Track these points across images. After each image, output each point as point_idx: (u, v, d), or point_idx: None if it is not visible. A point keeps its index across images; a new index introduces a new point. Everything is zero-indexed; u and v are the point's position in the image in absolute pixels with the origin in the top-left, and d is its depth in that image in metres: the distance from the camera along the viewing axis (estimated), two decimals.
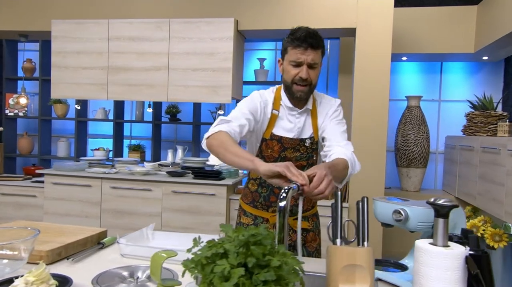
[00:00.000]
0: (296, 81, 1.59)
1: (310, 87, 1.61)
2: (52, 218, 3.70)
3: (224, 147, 1.42)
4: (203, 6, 3.69)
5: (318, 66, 1.60)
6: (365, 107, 3.43)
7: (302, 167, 1.66)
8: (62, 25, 3.80)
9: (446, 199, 0.99)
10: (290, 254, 0.84)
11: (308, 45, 1.53)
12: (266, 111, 1.66)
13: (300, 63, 1.56)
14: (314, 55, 1.55)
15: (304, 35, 1.54)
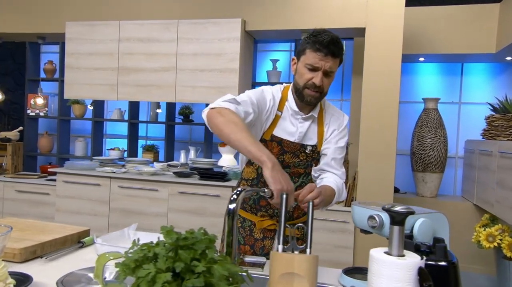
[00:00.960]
0: (308, 86, 1.51)
1: (321, 94, 1.54)
2: (63, 215, 3.78)
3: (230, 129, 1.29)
4: (211, 6, 3.69)
5: (333, 75, 1.53)
6: (374, 109, 3.32)
7: (299, 174, 1.60)
8: (76, 27, 3.90)
9: (404, 206, 0.92)
10: (223, 259, 0.80)
11: (329, 52, 1.45)
12: (273, 111, 1.58)
13: (317, 68, 1.47)
14: (332, 63, 1.48)
15: (328, 40, 1.45)
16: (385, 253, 0.91)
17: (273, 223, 1.62)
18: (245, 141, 1.25)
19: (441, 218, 1.33)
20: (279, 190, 1.14)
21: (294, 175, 1.59)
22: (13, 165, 4.40)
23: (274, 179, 1.15)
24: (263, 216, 1.64)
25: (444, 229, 1.34)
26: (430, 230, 1.26)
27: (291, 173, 1.58)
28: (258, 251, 1.63)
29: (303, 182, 1.61)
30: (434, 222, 1.30)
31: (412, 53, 4.09)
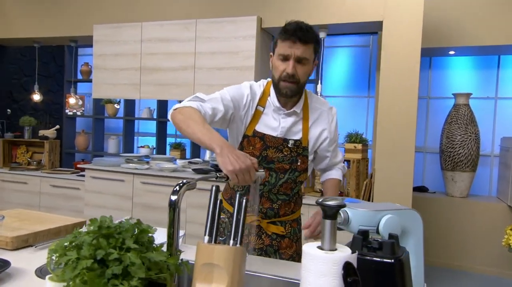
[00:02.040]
0: (283, 78, 1.49)
1: (297, 85, 1.50)
2: (91, 209, 3.99)
3: (187, 124, 1.34)
4: (228, 5, 3.73)
5: (308, 63, 1.49)
6: (391, 105, 3.22)
7: (284, 170, 1.58)
8: (103, 30, 4.08)
9: (336, 199, 0.91)
10: (139, 248, 0.83)
11: (297, 38, 1.44)
12: (252, 106, 1.57)
13: (288, 56, 1.46)
14: (303, 50, 1.45)
15: (293, 28, 1.46)
16: (318, 248, 0.89)
17: (258, 219, 1.61)
18: (199, 132, 1.29)
19: (413, 215, 1.28)
20: (231, 171, 1.15)
21: (280, 171, 1.58)
22: (50, 161, 4.69)
23: (224, 162, 1.17)
24: (249, 212, 1.64)
25: (417, 227, 1.29)
26: (397, 227, 1.22)
27: (276, 169, 1.57)
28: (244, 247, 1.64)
29: (289, 178, 1.59)
30: (404, 219, 1.26)
31: (442, 46, 3.91)
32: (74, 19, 4.35)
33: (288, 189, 1.61)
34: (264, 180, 1.57)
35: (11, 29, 4.67)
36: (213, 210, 0.89)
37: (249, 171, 1.18)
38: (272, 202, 1.60)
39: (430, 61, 4.57)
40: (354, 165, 3.37)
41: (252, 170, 1.18)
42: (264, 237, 1.63)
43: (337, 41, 4.68)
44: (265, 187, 1.58)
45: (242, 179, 1.17)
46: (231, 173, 1.15)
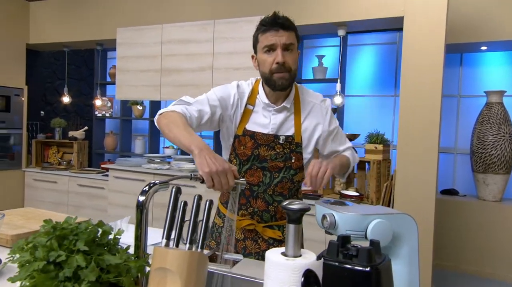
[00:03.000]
0: (274, 70, 1.45)
1: (290, 73, 1.47)
2: (114, 208, 4.07)
3: (169, 128, 1.33)
4: (246, 4, 3.70)
5: (294, 49, 1.47)
6: (413, 105, 3.07)
7: (279, 169, 1.52)
8: (126, 32, 4.17)
9: (302, 203, 0.85)
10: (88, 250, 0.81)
11: (278, 25, 1.44)
12: (240, 105, 1.55)
13: (274, 45, 1.43)
14: (287, 36, 1.44)
15: (272, 18, 1.46)
16: (282, 254, 0.84)
17: (252, 223, 1.56)
18: (179, 135, 1.27)
19: (407, 220, 1.20)
20: (207, 173, 1.12)
21: (274, 170, 1.52)
22: (79, 161, 4.84)
23: (200, 163, 1.14)
24: (244, 215, 1.58)
25: (411, 233, 1.21)
26: (387, 232, 1.15)
27: (270, 168, 1.52)
28: (240, 251, 1.59)
29: (285, 177, 1.53)
30: (397, 225, 1.18)
31: (472, 41, 3.71)
32: (99, 23, 4.48)
33: (285, 190, 1.55)
34: (258, 180, 1.53)
35: (43, 35, 4.86)
36: (172, 212, 0.86)
37: (226, 174, 1.14)
38: (268, 204, 1.55)
39: (460, 57, 4.35)
40: (375, 166, 3.25)
41: (230, 175, 1.15)
42: (261, 241, 1.58)
43: (362, 39, 4.55)
44: (259, 187, 1.53)
45: (218, 182, 1.13)
46: (207, 175, 1.12)
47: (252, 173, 1.53)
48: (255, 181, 1.53)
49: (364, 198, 3.38)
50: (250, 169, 1.53)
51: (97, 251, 0.83)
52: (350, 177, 3.64)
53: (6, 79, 4.70)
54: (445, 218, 3.91)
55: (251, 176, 1.53)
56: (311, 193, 3.42)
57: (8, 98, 4.72)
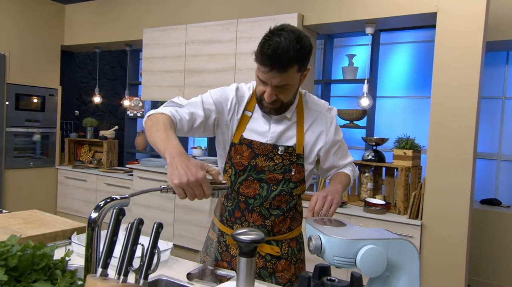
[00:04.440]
0: (263, 98, 1.33)
1: (281, 104, 1.34)
2: (138, 208, 4.09)
3: (150, 131, 1.22)
4: (269, 3, 3.58)
5: (290, 86, 1.29)
6: (446, 107, 2.83)
7: (277, 181, 1.40)
8: (151, 33, 4.17)
9: (256, 233, 0.73)
10: None
11: (272, 66, 1.22)
12: (237, 110, 1.43)
13: (264, 82, 1.29)
14: (281, 78, 1.24)
15: (270, 51, 1.20)
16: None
17: None
18: (157, 139, 1.16)
19: (406, 247, 1.04)
20: (177, 185, 1.01)
21: (272, 182, 1.40)
22: (108, 160, 4.92)
23: (171, 174, 1.03)
24: None
25: (411, 261, 1.05)
26: (380, 260, 1.00)
27: (267, 180, 1.40)
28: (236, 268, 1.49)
29: (283, 190, 1.41)
30: (393, 252, 1.03)
31: None
32: (127, 24, 4.52)
33: (283, 203, 1.42)
34: (254, 193, 1.41)
35: (76, 36, 4.98)
36: (111, 237, 0.77)
37: (201, 185, 1.02)
38: (264, 218, 1.42)
39: (507, 56, 4.00)
40: (403, 174, 3.04)
41: (205, 184, 1.03)
42: (257, 258, 1.45)
43: (396, 36, 4.30)
44: (255, 200, 1.41)
45: (191, 194, 1.02)
46: (177, 187, 1.01)
47: (248, 184, 1.41)
48: (251, 193, 1.41)
49: (391, 207, 3.17)
50: (246, 181, 1.41)
51: (32, 277, 0.75)
52: (378, 183, 3.43)
53: (41, 79, 4.86)
54: (484, 230, 3.60)
55: (247, 188, 1.42)
56: None
57: (43, 98, 4.88)
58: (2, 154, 4.52)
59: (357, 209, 3.17)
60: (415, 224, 2.89)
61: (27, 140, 4.79)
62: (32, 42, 4.75)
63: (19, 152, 4.71)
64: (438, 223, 2.86)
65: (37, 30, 4.81)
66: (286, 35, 1.21)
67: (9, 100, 4.55)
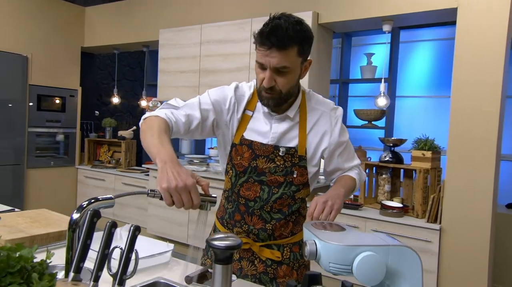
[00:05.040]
0: (262, 89, 1.28)
1: (280, 95, 1.27)
2: (153, 208, 4.11)
3: (144, 136, 1.19)
4: (283, 2, 3.52)
5: (290, 71, 1.23)
6: (466, 107, 2.71)
7: (279, 184, 1.34)
8: (167, 34, 4.18)
9: (233, 239, 0.69)
10: None
11: (271, 44, 1.18)
12: (237, 110, 1.38)
13: (263, 65, 1.23)
14: (280, 58, 1.19)
15: (269, 29, 1.18)
16: None
17: (247, 241, 1.39)
18: (150, 144, 1.13)
19: (407, 254, 0.98)
20: (164, 189, 0.97)
21: (273, 185, 1.35)
22: (126, 160, 4.97)
23: (160, 179, 0.99)
24: (239, 233, 1.41)
25: (413, 269, 0.99)
26: (378, 268, 0.94)
27: (268, 182, 1.35)
28: (236, 273, 1.43)
29: (285, 193, 1.35)
30: (393, 259, 0.97)
31: None
32: (144, 25, 4.55)
33: (284, 207, 1.37)
34: (254, 195, 1.36)
35: (96, 38, 5.06)
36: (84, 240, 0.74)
37: (189, 191, 0.98)
38: (265, 221, 1.37)
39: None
40: (421, 176, 2.93)
41: (194, 191, 0.98)
42: (257, 263, 1.40)
43: (416, 34, 4.17)
44: (255, 203, 1.36)
45: (178, 200, 0.98)
46: (164, 191, 0.97)
47: (248, 186, 1.36)
48: (252, 196, 1.36)
49: (408, 210, 3.06)
50: (247, 182, 1.37)
51: (7, 281, 0.73)
52: (396, 185, 3.32)
53: (62, 81, 4.96)
54: (510, 236, 3.44)
55: (248, 190, 1.37)
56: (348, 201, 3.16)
57: (64, 99, 4.97)
58: (24, 153, 4.63)
59: (373, 212, 3.07)
60: (434, 228, 2.78)
61: (48, 140, 4.89)
62: (53, 44, 4.85)
63: (40, 151, 4.81)
64: (458, 227, 2.74)
65: (58, 33, 4.91)
66: (285, 18, 1.21)
67: (31, 101, 4.65)
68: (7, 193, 4.49)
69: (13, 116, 4.51)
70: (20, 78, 4.55)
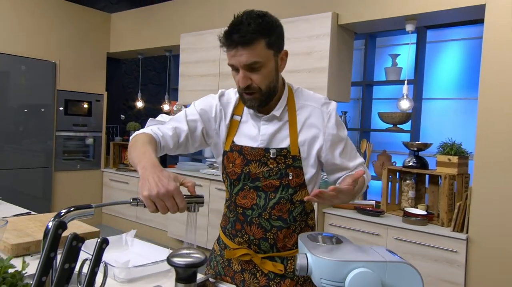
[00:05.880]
0: (241, 90, 1.23)
1: (260, 93, 1.22)
2: None
3: (129, 152, 1.18)
4: (301, 3, 3.45)
5: (263, 66, 1.18)
6: (495, 110, 2.56)
7: (275, 188, 1.28)
8: (188, 38, 4.19)
9: (196, 255, 0.63)
10: None
11: (235, 42, 1.15)
12: (224, 117, 1.35)
13: (234, 66, 1.20)
14: (248, 55, 1.15)
15: (229, 29, 1.17)
16: None
17: (248, 253, 1.33)
18: (134, 156, 1.11)
19: (406, 271, 0.90)
20: (146, 197, 0.94)
21: (269, 190, 1.29)
22: None
23: (141, 185, 0.96)
24: (240, 243, 1.35)
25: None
26: (373, 286, 0.86)
27: (264, 187, 1.29)
28: (239, 285, 1.38)
29: (282, 197, 1.29)
30: (390, 276, 0.89)
31: None
32: (166, 30, 4.59)
33: (284, 213, 1.30)
34: (251, 203, 1.31)
35: (120, 43, 5.15)
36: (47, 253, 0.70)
37: (173, 196, 0.95)
38: (265, 230, 1.30)
39: None
40: (447, 182, 2.78)
41: (177, 196, 0.95)
42: (260, 276, 1.34)
43: (445, 34, 3.99)
44: (253, 211, 1.30)
45: (162, 206, 0.95)
46: (146, 199, 0.94)
47: (244, 194, 1.31)
48: (248, 204, 1.31)
49: (433, 218, 2.92)
50: (242, 190, 1.31)
51: None
52: (421, 191, 3.18)
53: (88, 86, 5.08)
54: None
55: (244, 198, 1.31)
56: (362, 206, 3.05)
57: (90, 104, 5.09)
58: (52, 156, 4.76)
59: (396, 219, 2.95)
60: (460, 238, 2.63)
61: (75, 144, 5.02)
62: (80, 50, 4.98)
63: (68, 155, 4.94)
64: (487, 237, 2.58)
65: (85, 39, 5.03)
66: (248, 15, 1.19)
67: (59, 106, 4.79)
68: (37, 195, 4.64)
69: (43, 120, 4.65)
70: (50, 83, 4.69)
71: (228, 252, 1.38)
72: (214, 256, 1.47)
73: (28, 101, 4.52)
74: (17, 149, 4.47)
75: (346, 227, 3.07)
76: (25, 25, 4.48)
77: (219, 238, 1.48)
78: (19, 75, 4.43)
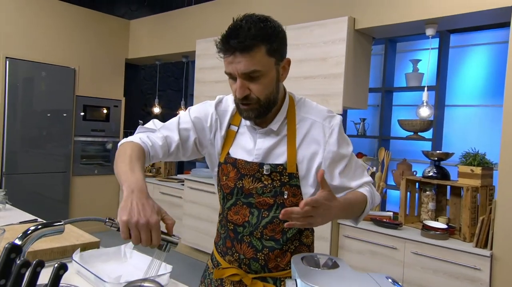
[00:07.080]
0: (237, 100, 1.14)
1: (259, 103, 1.12)
2: (189, 219, 4.08)
3: (116, 163, 1.11)
4: (317, 8, 3.36)
5: (262, 75, 1.09)
6: None
7: (269, 206, 1.19)
8: (203, 44, 4.16)
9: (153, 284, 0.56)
10: None
11: (233, 48, 1.06)
12: (220, 126, 1.26)
13: (232, 75, 1.11)
14: (247, 62, 1.06)
15: (226, 34, 1.08)
16: None
17: (237, 273, 1.24)
18: (121, 171, 1.03)
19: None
20: (124, 222, 0.87)
21: (262, 208, 1.20)
22: (166, 169, 5.01)
23: (121, 209, 0.89)
24: (231, 261, 1.26)
25: None
26: None
27: (257, 204, 1.20)
28: None
29: (276, 217, 1.19)
30: None
31: None
32: (183, 36, 4.58)
33: (277, 233, 1.20)
34: (243, 219, 1.22)
35: (139, 50, 5.19)
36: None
37: (150, 229, 0.88)
38: (256, 250, 1.21)
39: None
40: (469, 194, 2.63)
41: (155, 230, 0.88)
42: None
43: (470, 38, 3.82)
44: (244, 229, 1.21)
45: (135, 236, 0.87)
46: (123, 224, 0.87)
47: (236, 210, 1.23)
48: (240, 220, 1.22)
49: (455, 232, 2.76)
50: (235, 206, 1.23)
51: None
52: (442, 203, 3.02)
53: (107, 91, 5.12)
54: None
55: (236, 214, 1.23)
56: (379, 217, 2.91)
57: (108, 109, 5.13)
58: (70, 161, 4.81)
59: (414, 233, 2.80)
60: (483, 255, 2.47)
61: (94, 149, 5.06)
62: (99, 56, 5.03)
63: (86, 159, 4.98)
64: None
65: (104, 46, 5.09)
66: (248, 19, 1.09)
67: (78, 111, 4.84)
68: (56, 199, 4.69)
69: (63, 126, 4.72)
70: (69, 89, 4.75)
71: (217, 271, 1.30)
72: (207, 273, 1.40)
73: (48, 106, 4.59)
74: (40, 153, 4.54)
75: (362, 239, 2.94)
76: (45, 32, 4.56)
77: (212, 254, 1.40)
78: (39, 81, 4.50)
